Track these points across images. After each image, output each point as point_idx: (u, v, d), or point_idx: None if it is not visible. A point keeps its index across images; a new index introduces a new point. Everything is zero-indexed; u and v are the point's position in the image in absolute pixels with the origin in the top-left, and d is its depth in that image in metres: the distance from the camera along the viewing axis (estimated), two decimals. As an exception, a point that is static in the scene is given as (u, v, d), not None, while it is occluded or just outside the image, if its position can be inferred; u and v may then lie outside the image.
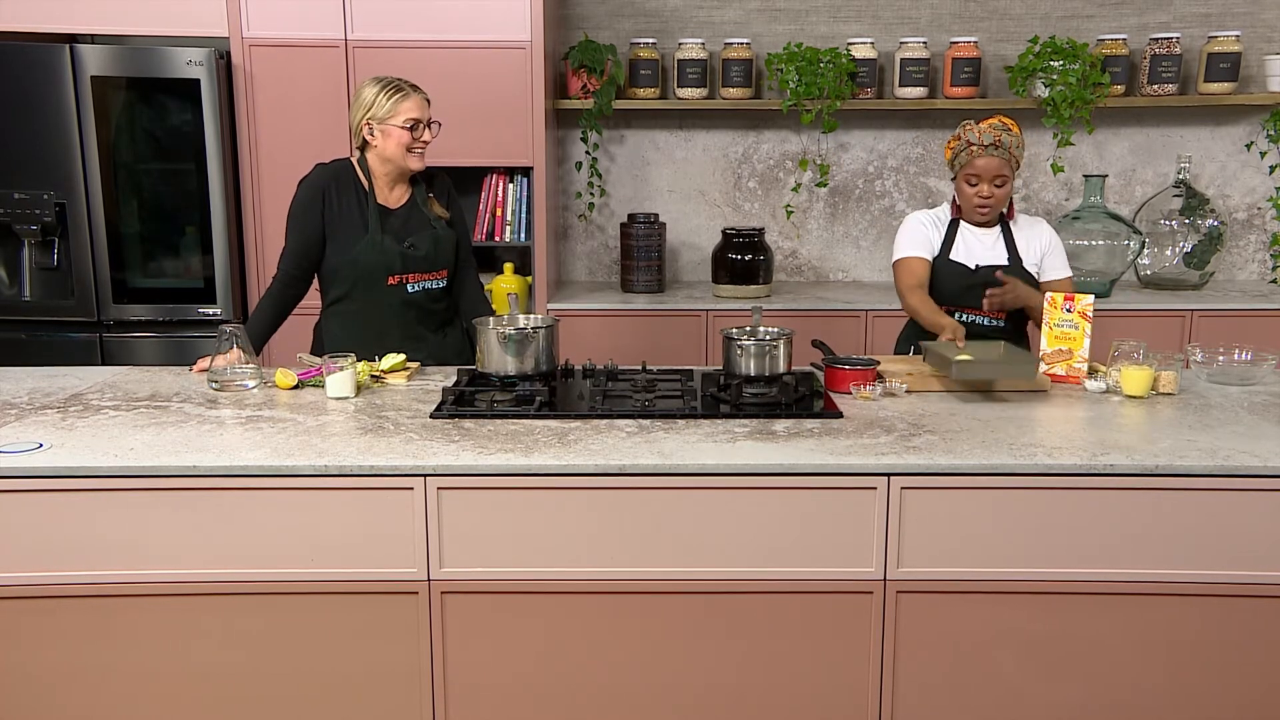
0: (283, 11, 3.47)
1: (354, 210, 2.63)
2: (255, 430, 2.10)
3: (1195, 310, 3.68)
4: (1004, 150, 2.60)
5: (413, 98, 2.60)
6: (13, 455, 1.94)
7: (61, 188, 3.44)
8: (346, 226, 2.62)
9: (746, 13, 4.03)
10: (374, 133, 2.60)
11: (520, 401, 2.27)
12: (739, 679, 2.02)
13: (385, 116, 2.57)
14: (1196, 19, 3.99)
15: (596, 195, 4.14)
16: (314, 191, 2.63)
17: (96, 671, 1.99)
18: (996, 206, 2.68)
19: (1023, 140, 2.67)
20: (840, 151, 4.14)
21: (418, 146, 2.61)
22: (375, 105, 2.58)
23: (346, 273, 2.63)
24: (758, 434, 2.08)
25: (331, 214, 2.62)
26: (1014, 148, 2.62)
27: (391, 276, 2.64)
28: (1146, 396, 2.35)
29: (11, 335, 3.57)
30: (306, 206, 2.62)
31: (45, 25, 3.46)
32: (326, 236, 2.63)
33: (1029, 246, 2.76)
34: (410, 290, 2.67)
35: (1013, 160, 2.63)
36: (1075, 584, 1.97)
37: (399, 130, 2.57)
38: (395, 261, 2.63)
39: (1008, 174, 2.63)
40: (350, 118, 2.65)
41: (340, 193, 2.63)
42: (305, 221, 2.62)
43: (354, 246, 2.61)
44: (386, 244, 2.62)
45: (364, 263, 2.61)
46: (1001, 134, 2.61)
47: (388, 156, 2.62)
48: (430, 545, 1.95)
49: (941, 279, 2.74)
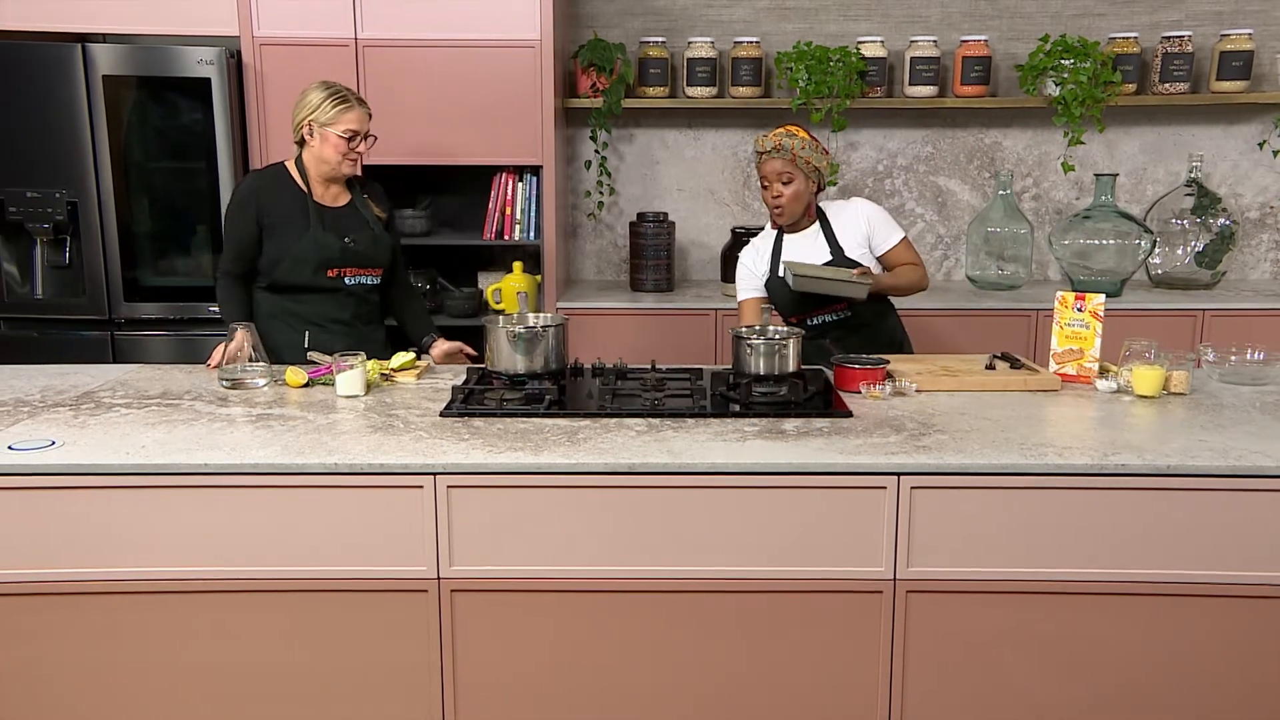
0: (293, 11, 3.48)
1: (292, 208, 2.75)
2: (266, 428, 2.11)
3: (1207, 310, 3.67)
4: (785, 151, 2.72)
5: (356, 110, 2.71)
6: (26, 452, 1.95)
7: (73, 186, 3.46)
8: (285, 223, 2.74)
9: (756, 11, 4.03)
10: (313, 134, 2.71)
11: (530, 400, 2.27)
12: (748, 678, 2.02)
13: (326, 122, 2.68)
14: (1209, 17, 3.97)
15: (605, 194, 4.14)
16: (247, 195, 2.75)
17: (107, 667, 2.00)
18: (790, 206, 2.77)
19: (813, 143, 2.75)
20: (850, 150, 4.13)
21: (352, 155, 2.74)
22: (319, 109, 2.68)
23: (287, 265, 2.74)
24: (767, 433, 2.08)
25: (267, 214, 2.73)
26: (797, 149, 2.72)
27: (330, 269, 2.76)
28: (1158, 396, 2.34)
29: (24, 333, 3.59)
30: (241, 208, 2.74)
31: (58, 25, 3.47)
32: (263, 235, 2.74)
33: (847, 231, 2.82)
34: (348, 283, 2.80)
35: (797, 159, 2.72)
36: (1086, 584, 1.96)
37: (337, 138, 2.69)
38: (335, 255, 2.76)
39: (793, 171, 2.74)
40: (293, 114, 2.74)
41: (277, 193, 2.75)
42: (239, 224, 2.74)
43: (295, 241, 2.73)
44: (327, 239, 2.75)
45: (304, 255, 2.73)
46: (782, 138, 2.73)
47: (323, 159, 2.73)
48: (440, 544, 1.96)
49: (778, 298, 2.87)
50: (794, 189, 2.74)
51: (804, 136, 2.75)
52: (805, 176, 2.74)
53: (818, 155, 2.75)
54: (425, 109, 3.55)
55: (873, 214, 2.83)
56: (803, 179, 2.74)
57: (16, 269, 3.54)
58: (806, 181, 2.75)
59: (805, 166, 2.73)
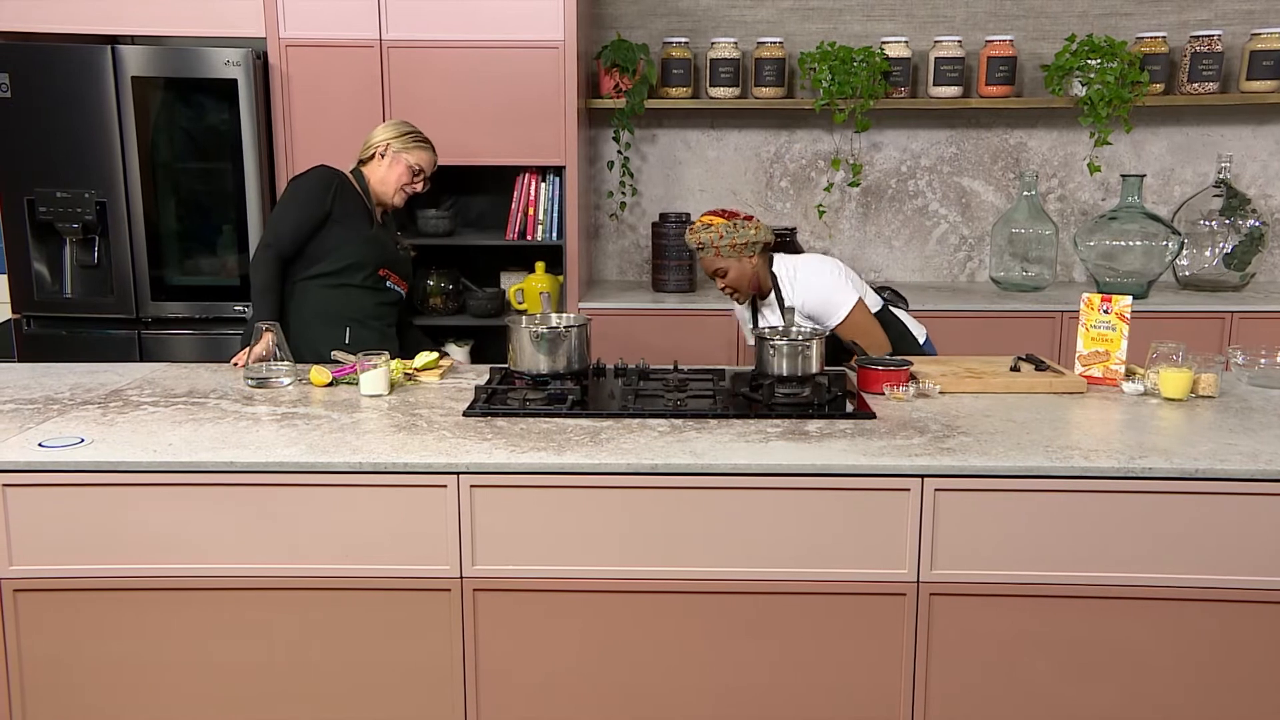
0: (318, 12, 3.50)
1: (357, 206, 2.87)
2: (291, 427, 2.12)
3: (1236, 312, 3.63)
4: (707, 249, 2.71)
5: (430, 152, 2.92)
6: (56, 450, 1.98)
7: (102, 186, 3.49)
8: (352, 216, 2.84)
9: (779, 12, 4.02)
10: (385, 155, 2.87)
11: (552, 400, 2.28)
12: (770, 680, 2.01)
13: (402, 150, 2.86)
14: (1238, 16, 3.92)
15: (628, 194, 4.15)
16: (327, 179, 2.84)
17: (132, 663, 2.02)
18: (740, 290, 2.77)
19: (731, 225, 2.66)
20: (873, 151, 4.11)
21: (410, 188, 2.90)
22: (401, 139, 2.87)
23: (347, 251, 2.82)
24: (790, 434, 2.07)
25: (339, 205, 2.82)
26: (715, 241, 2.68)
27: (382, 269, 2.90)
28: (1185, 399, 2.32)
29: (53, 332, 3.63)
30: (321, 188, 2.82)
31: (87, 27, 3.51)
32: (329, 221, 2.81)
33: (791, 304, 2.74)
34: (389, 286, 2.94)
35: (720, 251, 2.69)
36: (1112, 589, 1.94)
37: (404, 168, 2.87)
38: (392, 255, 2.92)
39: (722, 264, 2.72)
40: (374, 133, 2.88)
41: (348, 189, 2.87)
42: (311, 203, 2.80)
43: (360, 233, 2.84)
44: (386, 238, 2.91)
45: (368, 249, 2.85)
46: (700, 234, 2.70)
47: (383, 180, 2.88)
48: (463, 543, 1.96)
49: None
50: (732, 276, 2.73)
51: (719, 223, 2.67)
52: (738, 260, 2.71)
53: (739, 232, 2.67)
54: (449, 109, 3.57)
55: (815, 303, 2.69)
56: (736, 263, 2.71)
57: (46, 268, 3.58)
58: (741, 262, 2.71)
59: (731, 252, 2.68)
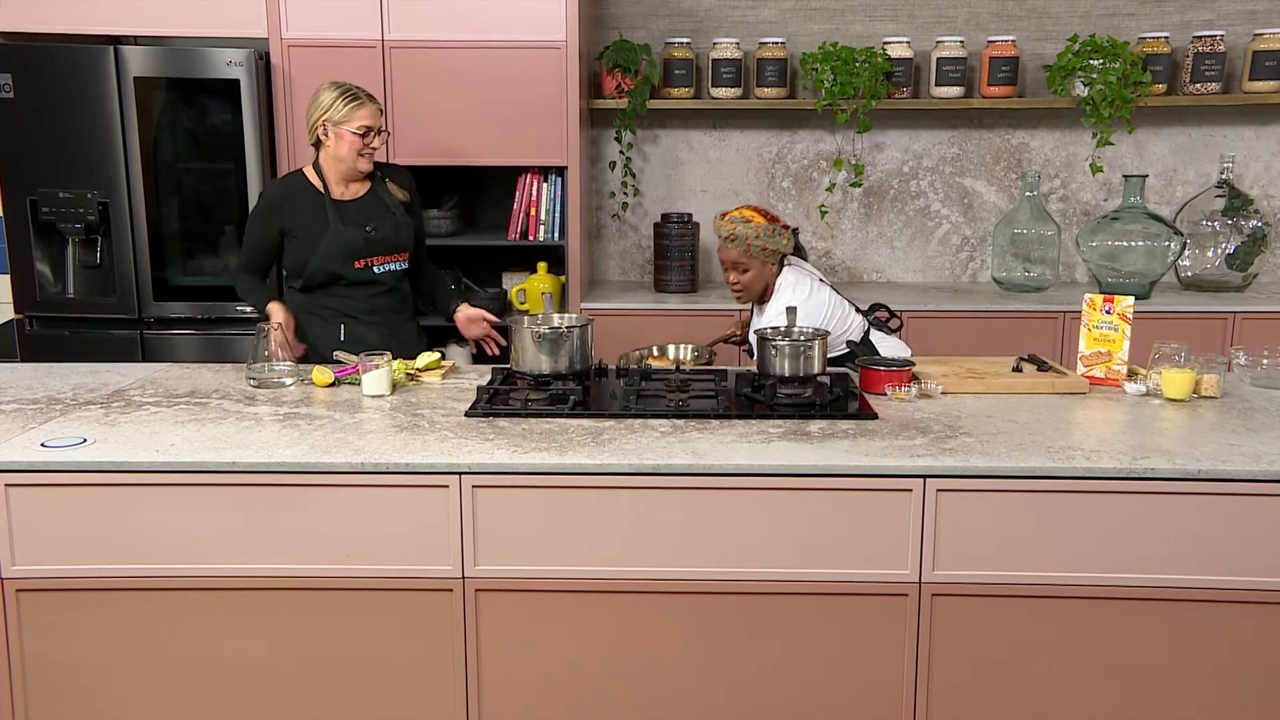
0: (321, 12, 3.51)
1: (313, 210, 2.79)
2: (292, 427, 2.12)
3: (1238, 312, 3.62)
4: (739, 241, 2.68)
5: (367, 106, 2.75)
6: (58, 450, 1.98)
7: (105, 187, 3.50)
8: (308, 226, 2.78)
9: (781, 12, 4.02)
10: (328, 134, 2.75)
11: (554, 400, 2.28)
12: (772, 680, 2.01)
13: (340, 120, 2.72)
14: (1241, 16, 3.92)
15: (630, 195, 4.15)
16: (267, 206, 2.82)
17: (133, 663, 2.03)
18: (747, 290, 2.76)
19: (769, 228, 2.67)
20: (875, 151, 4.11)
21: (367, 151, 2.77)
22: (331, 109, 2.73)
23: (315, 263, 2.78)
24: (792, 435, 2.07)
25: (287, 221, 2.79)
26: (751, 238, 2.67)
27: (357, 260, 2.80)
28: (1188, 400, 2.31)
29: (56, 332, 3.63)
30: (262, 218, 2.82)
31: (90, 27, 3.51)
32: (285, 240, 2.81)
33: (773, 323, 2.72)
34: (377, 271, 2.84)
35: (751, 249, 2.68)
36: (1114, 589, 1.94)
37: (351, 135, 2.73)
38: (359, 245, 2.79)
39: (747, 261, 2.70)
40: (307, 117, 2.79)
41: (296, 200, 2.80)
42: (260, 233, 2.82)
43: (318, 240, 2.77)
44: (348, 231, 2.78)
45: (329, 251, 2.77)
46: (738, 226, 2.68)
47: (339, 157, 2.77)
48: (465, 543, 1.96)
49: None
50: (749, 276, 2.72)
51: (759, 223, 2.68)
52: (762, 264, 2.70)
53: (774, 238, 2.68)
54: (451, 110, 3.57)
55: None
56: (759, 266, 2.70)
57: (49, 268, 3.58)
58: (765, 267, 2.71)
59: (761, 254, 2.68)
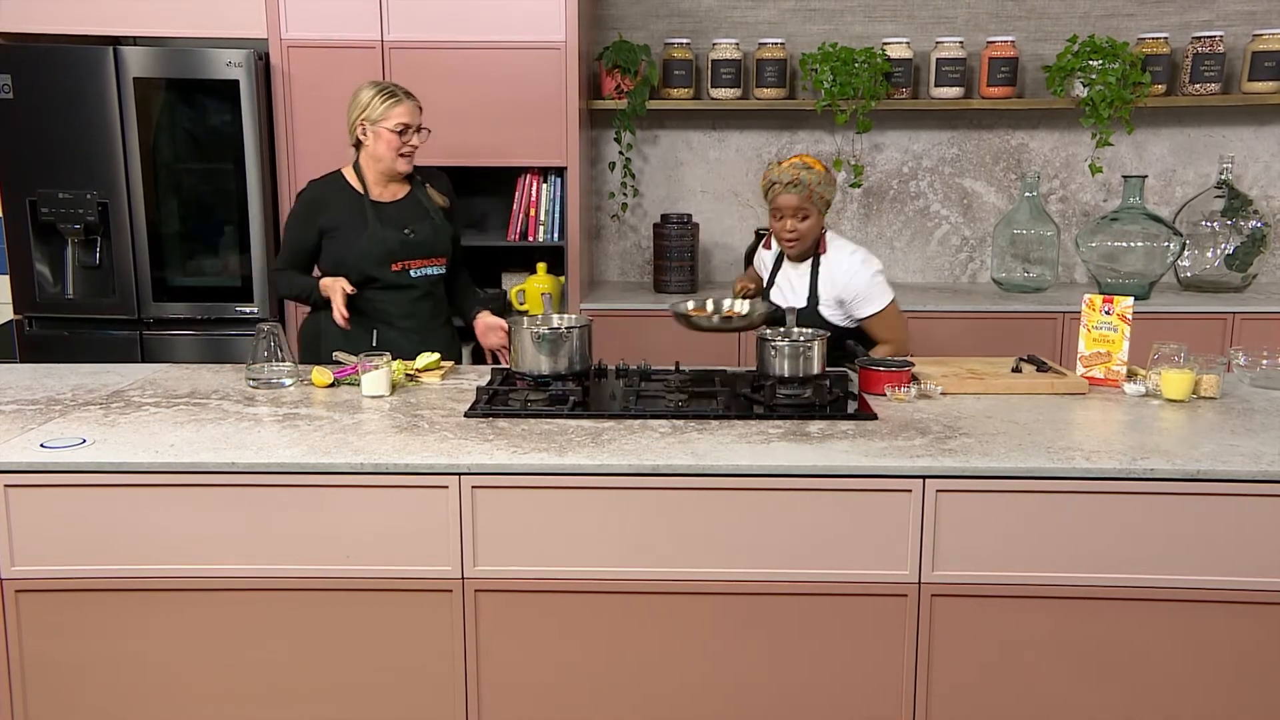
0: (320, 13, 3.51)
1: (351, 211, 2.78)
2: (292, 428, 2.12)
3: (1238, 313, 3.62)
4: (803, 186, 2.63)
5: (405, 104, 2.74)
6: (57, 451, 1.98)
7: (104, 187, 3.50)
8: (346, 227, 2.77)
9: (781, 13, 4.02)
10: (366, 133, 2.74)
11: (554, 401, 2.28)
12: (771, 681, 2.01)
13: (378, 119, 2.72)
14: (1240, 16, 3.92)
15: (629, 195, 4.15)
16: (306, 207, 2.80)
17: (133, 664, 2.02)
18: (803, 240, 2.70)
19: (828, 177, 2.67)
20: (875, 152, 4.11)
21: (406, 150, 2.76)
22: (369, 107, 2.72)
23: (351, 263, 2.75)
24: (791, 435, 2.07)
25: (326, 221, 2.77)
26: (814, 184, 2.64)
27: (395, 263, 2.78)
28: (1187, 400, 2.31)
29: (55, 332, 3.63)
30: (300, 219, 2.81)
31: (90, 28, 3.51)
32: (323, 241, 2.79)
33: (826, 286, 2.72)
34: (414, 275, 2.82)
35: (813, 195, 2.64)
36: (1113, 590, 1.94)
37: (389, 133, 2.72)
38: (396, 247, 2.77)
39: (808, 208, 2.66)
40: (347, 117, 2.78)
41: (334, 201, 2.79)
42: (299, 233, 2.81)
43: (356, 241, 2.75)
44: (386, 233, 2.76)
45: (367, 251, 2.74)
46: (800, 171, 2.64)
47: (378, 156, 2.76)
48: (464, 544, 1.96)
49: None
50: (809, 224, 2.67)
51: (819, 170, 2.65)
52: (820, 212, 2.67)
53: (831, 188, 2.68)
54: (450, 110, 3.56)
55: (856, 285, 2.68)
56: (817, 215, 2.67)
57: (48, 269, 3.58)
58: (819, 216, 2.68)
59: (820, 202, 2.65)
